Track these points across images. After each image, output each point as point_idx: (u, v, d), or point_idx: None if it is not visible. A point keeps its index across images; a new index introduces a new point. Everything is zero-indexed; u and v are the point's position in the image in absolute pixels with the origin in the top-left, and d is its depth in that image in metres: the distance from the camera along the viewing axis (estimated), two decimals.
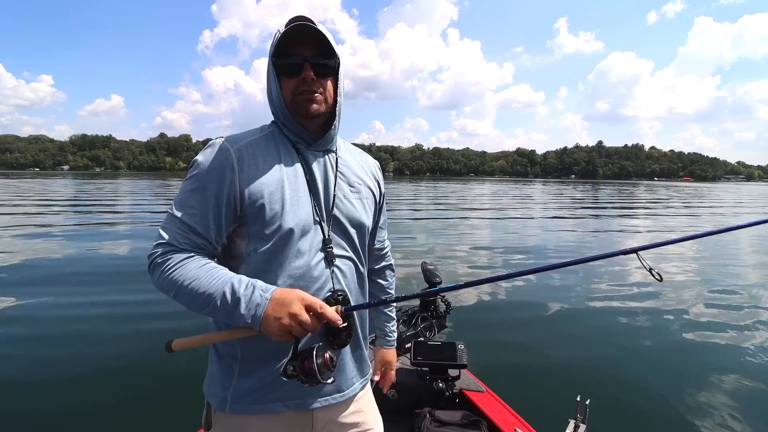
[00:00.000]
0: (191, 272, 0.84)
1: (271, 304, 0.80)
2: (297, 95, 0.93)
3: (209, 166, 0.88)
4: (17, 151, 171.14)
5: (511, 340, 3.96)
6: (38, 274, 6.05)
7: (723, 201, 29.86)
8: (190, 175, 0.91)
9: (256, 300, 0.81)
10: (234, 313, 0.81)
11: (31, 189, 29.24)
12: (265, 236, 0.89)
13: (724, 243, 9.93)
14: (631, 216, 17.15)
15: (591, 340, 4.00)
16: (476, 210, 18.66)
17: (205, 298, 0.82)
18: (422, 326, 2.20)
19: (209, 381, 0.99)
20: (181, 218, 0.87)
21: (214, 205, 0.88)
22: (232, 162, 0.89)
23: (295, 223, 0.91)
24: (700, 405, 2.92)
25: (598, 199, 28.94)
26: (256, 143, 0.94)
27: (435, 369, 1.86)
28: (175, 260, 0.85)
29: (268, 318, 0.80)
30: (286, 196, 0.91)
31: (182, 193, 0.90)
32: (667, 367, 3.49)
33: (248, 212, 0.89)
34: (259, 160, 0.92)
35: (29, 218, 12.58)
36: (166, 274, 0.84)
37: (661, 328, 4.36)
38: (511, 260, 7.57)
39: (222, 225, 0.90)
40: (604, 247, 9.02)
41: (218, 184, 0.88)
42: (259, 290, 0.82)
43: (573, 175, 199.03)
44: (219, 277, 0.84)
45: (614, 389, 3.09)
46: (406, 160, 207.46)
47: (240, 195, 0.88)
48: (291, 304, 0.80)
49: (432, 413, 1.75)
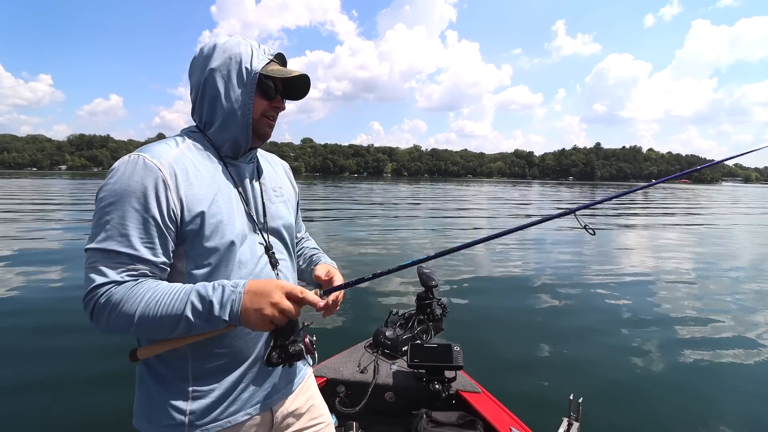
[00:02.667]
0: (146, 297, 0.77)
1: (248, 297, 0.78)
2: (263, 117, 0.97)
3: (138, 186, 0.80)
4: (15, 150, 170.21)
5: (506, 342, 4.00)
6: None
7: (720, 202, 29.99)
8: (113, 200, 0.80)
9: (229, 297, 0.78)
10: (210, 318, 0.77)
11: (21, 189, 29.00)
12: (205, 252, 0.86)
13: (718, 240, 10.01)
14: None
15: (583, 340, 4.05)
16: (473, 210, 18.71)
17: (173, 318, 0.76)
18: (419, 329, 2.23)
19: (148, 412, 0.89)
20: (119, 250, 0.78)
21: (157, 227, 0.81)
22: (164, 178, 0.82)
23: (235, 235, 0.89)
24: (693, 401, 2.97)
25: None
26: (182, 156, 0.88)
27: (431, 371, 1.90)
28: (121, 292, 0.77)
29: (247, 311, 0.77)
30: (223, 209, 0.89)
31: (110, 223, 0.79)
32: (660, 364, 3.54)
33: (188, 230, 0.84)
34: (191, 173, 0.87)
35: None
36: (118, 310, 0.76)
37: (653, 326, 4.41)
38: (511, 263, 7.61)
39: (168, 246, 0.83)
40: (605, 247, 9.09)
41: (154, 203, 0.80)
42: (230, 287, 0.79)
43: (571, 177, 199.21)
44: (179, 291, 0.78)
45: (606, 387, 3.14)
46: (404, 162, 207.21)
47: (180, 212, 0.83)
48: (271, 293, 0.79)
49: (429, 414, 1.78)
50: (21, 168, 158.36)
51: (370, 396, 1.86)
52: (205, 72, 0.93)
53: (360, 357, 2.12)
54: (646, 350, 3.83)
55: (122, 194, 0.80)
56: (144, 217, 0.80)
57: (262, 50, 0.96)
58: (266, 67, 0.95)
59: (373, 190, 38.86)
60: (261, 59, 0.94)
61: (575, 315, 4.79)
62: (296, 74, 0.96)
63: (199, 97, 0.95)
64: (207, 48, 0.95)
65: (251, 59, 0.93)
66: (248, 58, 0.93)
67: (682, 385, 3.22)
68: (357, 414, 1.83)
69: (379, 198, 27.21)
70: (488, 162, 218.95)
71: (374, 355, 2.13)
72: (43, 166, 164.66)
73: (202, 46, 0.97)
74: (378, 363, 2.05)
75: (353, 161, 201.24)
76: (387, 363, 2.07)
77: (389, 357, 2.13)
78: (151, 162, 0.83)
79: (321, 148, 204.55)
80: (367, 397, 1.86)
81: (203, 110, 0.95)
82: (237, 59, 0.92)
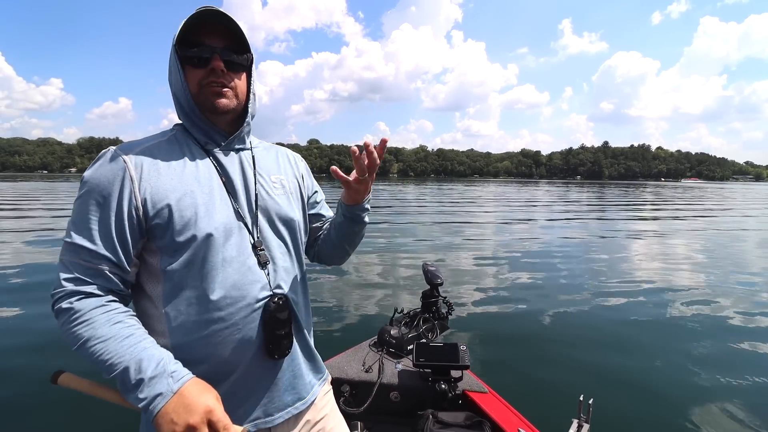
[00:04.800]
0: (99, 330, 0.73)
1: (174, 401, 0.68)
2: (204, 87, 0.86)
3: (102, 179, 0.78)
4: (25, 153, 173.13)
5: (513, 340, 3.95)
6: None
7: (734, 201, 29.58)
8: (81, 193, 0.79)
9: (160, 388, 0.69)
10: (132, 393, 0.70)
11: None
12: (179, 247, 0.80)
13: (732, 241, 9.85)
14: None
15: (593, 340, 3.98)
16: (482, 213, 18.63)
17: (107, 366, 0.71)
18: (424, 328, 2.20)
19: (144, 424, 0.86)
20: (82, 245, 0.76)
21: (116, 222, 0.78)
22: (128, 170, 0.79)
23: (214, 228, 0.82)
24: (706, 403, 2.90)
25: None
26: (156, 147, 0.85)
27: (437, 370, 1.87)
28: (82, 310, 0.74)
29: (165, 416, 0.68)
30: (198, 201, 0.82)
31: (77, 216, 0.78)
32: (672, 366, 3.47)
33: (154, 224, 0.79)
34: (161, 165, 0.82)
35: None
36: (71, 327, 0.73)
37: (665, 327, 4.33)
38: (515, 264, 7.55)
39: (128, 243, 0.79)
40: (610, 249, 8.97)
41: (116, 197, 0.78)
42: (168, 377, 0.70)
43: (578, 176, 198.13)
44: (129, 345, 0.73)
45: (618, 388, 3.08)
46: (410, 162, 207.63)
47: (143, 206, 0.79)
48: (194, 413, 0.68)
49: (435, 415, 1.75)
50: (32, 171, 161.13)
51: (375, 396, 1.84)
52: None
53: (365, 356, 2.09)
54: (658, 351, 3.76)
55: (90, 188, 0.79)
56: (105, 212, 0.78)
57: (190, 18, 0.82)
58: (180, 35, 0.83)
59: (379, 189, 38.89)
60: (179, 28, 0.83)
61: (585, 315, 4.72)
62: (196, 13, 0.82)
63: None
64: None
65: (176, 33, 0.83)
66: (175, 35, 0.83)
67: (696, 387, 3.15)
68: (362, 414, 1.81)
69: (387, 196, 27.23)
70: (495, 162, 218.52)
71: (379, 353, 2.10)
72: (54, 169, 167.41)
73: None
74: (383, 362, 2.02)
75: None
76: (392, 362, 2.05)
77: (394, 356, 2.10)
78: (117, 153, 0.81)
79: (327, 149, 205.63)
80: (372, 397, 1.83)
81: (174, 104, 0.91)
82: (173, 42, 0.84)
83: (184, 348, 0.81)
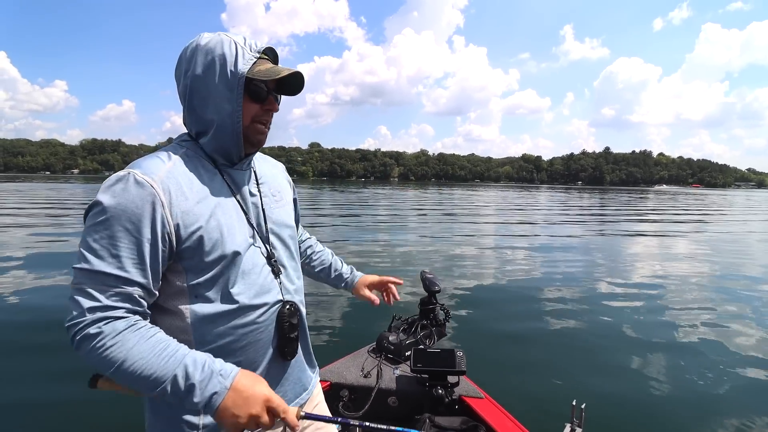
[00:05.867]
0: (135, 349, 0.72)
1: (231, 396, 0.73)
2: (255, 122, 0.90)
3: (129, 205, 0.76)
4: (29, 154, 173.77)
5: (509, 347, 3.98)
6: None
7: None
8: (102, 218, 0.75)
9: (213, 388, 0.73)
10: (186, 399, 0.72)
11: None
12: (206, 266, 0.83)
13: (732, 247, 9.85)
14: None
15: (587, 346, 4.02)
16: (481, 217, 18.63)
17: (152, 381, 0.72)
18: (422, 334, 2.24)
19: (159, 427, 0.89)
20: (107, 271, 0.74)
21: (150, 248, 0.77)
22: (158, 195, 0.78)
23: (237, 245, 0.86)
24: (699, 408, 2.93)
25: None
26: (175, 170, 0.84)
27: (434, 376, 1.90)
28: (112, 332, 0.72)
29: (225, 411, 0.73)
30: (222, 222, 0.85)
31: (98, 242, 0.75)
32: (665, 371, 3.50)
33: (185, 247, 0.81)
34: (185, 188, 0.83)
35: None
36: (103, 351, 0.72)
37: (659, 334, 4.35)
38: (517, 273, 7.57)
39: (159, 269, 0.80)
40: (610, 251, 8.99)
41: (148, 223, 0.77)
42: (218, 376, 0.74)
43: (579, 182, 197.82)
44: (169, 356, 0.73)
45: (610, 393, 3.11)
46: (411, 166, 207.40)
47: (175, 231, 0.80)
48: (254, 404, 0.74)
49: (432, 419, 1.79)
50: (34, 172, 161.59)
51: (374, 400, 1.87)
52: (189, 78, 0.86)
53: (363, 361, 2.13)
54: (651, 357, 3.79)
55: (114, 214, 0.75)
56: (136, 238, 0.76)
57: (248, 47, 0.87)
58: (253, 68, 0.86)
59: (379, 194, 38.83)
60: (247, 59, 0.85)
61: (579, 321, 4.75)
62: (286, 74, 0.87)
63: (187, 106, 0.90)
64: (189, 50, 0.87)
65: (236, 60, 0.84)
66: (233, 59, 0.84)
67: (688, 393, 3.17)
68: (360, 419, 1.84)
69: (386, 201, 27.24)
70: (496, 166, 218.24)
71: (377, 359, 2.14)
72: (56, 170, 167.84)
73: (184, 48, 0.89)
74: (381, 368, 2.05)
75: (360, 166, 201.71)
76: (390, 368, 2.08)
77: (392, 362, 2.13)
78: (143, 179, 0.78)
79: (328, 153, 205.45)
80: (370, 402, 1.86)
81: (193, 120, 0.90)
82: (221, 61, 0.84)
83: (216, 352, 0.85)
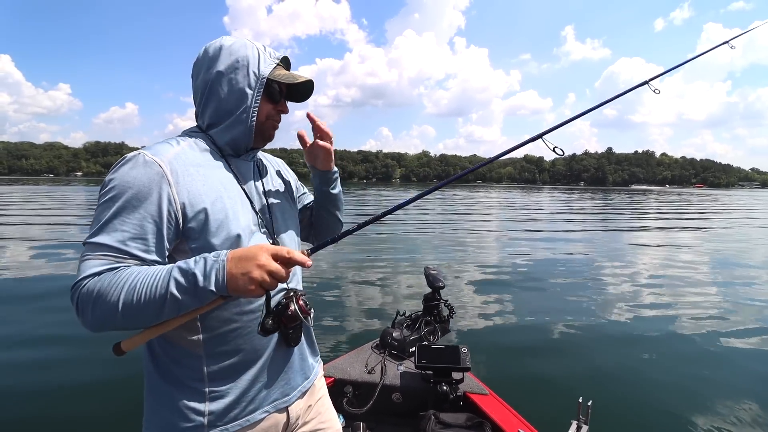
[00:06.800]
0: (129, 280, 0.73)
1: (232, 263, 0.75)
2: (269, 119, 0.99)
3: (136, 182, 0.79)
4: (32, 157, 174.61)
5: (514, 343, 3.97)
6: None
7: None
8: (110, 196, 0.79)
9: (212, 266, 0.74)
10: (196, 291, 0.73)
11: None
12: (211, 248, 0.84)
13: (733, 244, 9.80)
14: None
15: (593, 343, 4.00)
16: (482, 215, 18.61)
17: (158, 298, 0.73)
18: (426, 330, 2.23)
19: (161, 418, 0.88)
20: (112, 244, 0.76)
21: (154, 225, 0.79)
22: (165, 175, 0.81)
23: (241, 230, 0.89)
24: (704, 406, 2.91)
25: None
26: (183, 154, 0.88)
27: (439, 372, 1.90)
28: (102, 280, 0.74)
29: (234, 277, 0.74)
30: (227, 205, 0.88)
31: (107, 218, 0.78)
32: (670, 368, 3.48)
33: (191, 226, 0.83)
34: (192, 170, 0.86)
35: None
36: (101, 300, 0.72)
37: (666, 331, 4.33)
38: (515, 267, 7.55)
39: (164, 246, 0.81)
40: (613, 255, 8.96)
41: (155, 200, 0.79)
42: (211, 257, 0.76)
43: (582, 183, 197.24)
44: (160, 270, 0.75)
45: (616, 390, 3.10)
46: (412, 167, 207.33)
47: (182, 209, 0.82)
48: (256, 256, 0.75)
49: (436, 416, 1.78)
50: (38, 174, 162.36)
51: (378, 397, 1.87)
52: (212, 74, 0.93)
53: (367, 357, 2.12)
54: (657, 354, 3.77)
55: (122, 190, 0.79)
56: (142, 214, 0.78)
57: (268, 53, 0.97)
58: (273, 72, 0.96)
59: (382, 195, 38.91)
60: (268, 63, 0.95)
61: (586, 317, 4.73)
62: (303, 80, 0.97)
63: (204, 99, 0.95)
64: (213, 49, 0.94)
65: (258, 63, 0.94)
66: (255, 62, 0.94)
67: (695, 391, 3.15)
68: (364, 414, 1.84)
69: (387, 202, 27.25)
70: (498, 167, 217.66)
71: (381, 355, 2.14)
72: (60, 173, 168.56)
73: (206, 47, 0.96)
74: (385, 364, 2.05)
75: (362, 167, 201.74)
76: (394, 364, 2.08)
77: (396, 358, 2.13)
78: (151, 159, 0.82)
79: None
80: (375, 398, 1.86)
81: (208, 112, 0.95)
82: (244, 62, 0.93)
83: (216, 340, 0.88)
